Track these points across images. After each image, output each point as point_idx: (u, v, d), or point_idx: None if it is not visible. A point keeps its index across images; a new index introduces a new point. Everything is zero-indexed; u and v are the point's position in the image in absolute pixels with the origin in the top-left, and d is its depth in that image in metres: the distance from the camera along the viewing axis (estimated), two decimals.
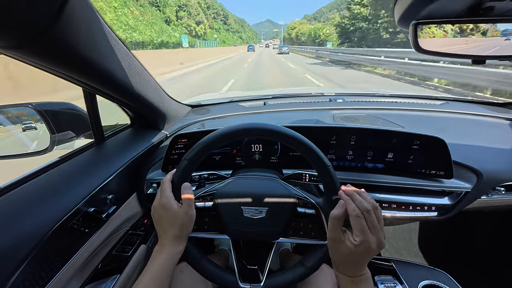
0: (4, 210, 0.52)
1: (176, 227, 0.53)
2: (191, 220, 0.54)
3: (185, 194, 0.54)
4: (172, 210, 0.52)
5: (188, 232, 0.55)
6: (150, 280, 0.49)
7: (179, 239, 0.54)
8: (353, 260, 0.47)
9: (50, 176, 0.65)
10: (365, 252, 0.45)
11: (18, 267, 0.46)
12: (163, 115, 0.98)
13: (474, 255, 1.31)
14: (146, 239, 0.83)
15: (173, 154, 0.86)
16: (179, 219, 0.52)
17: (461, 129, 1.05)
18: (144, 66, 0.77)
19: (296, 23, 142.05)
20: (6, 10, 0.34)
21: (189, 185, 0.56)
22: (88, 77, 0.60)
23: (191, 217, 0.54)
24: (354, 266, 0.48)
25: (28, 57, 0.46)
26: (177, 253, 0.54)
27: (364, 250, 0.45)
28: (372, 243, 0.45)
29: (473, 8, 0.50)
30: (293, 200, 0.60)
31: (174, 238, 0.53)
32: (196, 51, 31.44)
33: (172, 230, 0.53)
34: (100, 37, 0.55)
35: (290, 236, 0.61)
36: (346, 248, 0.46)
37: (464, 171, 0.80)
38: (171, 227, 0.53)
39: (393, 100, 1.33)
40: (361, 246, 0.45)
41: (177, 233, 0.53)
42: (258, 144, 0.86)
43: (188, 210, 0.53)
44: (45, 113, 0.75)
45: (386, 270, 0.81)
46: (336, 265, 0.51)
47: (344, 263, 0.49)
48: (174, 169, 0.57)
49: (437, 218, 0.79)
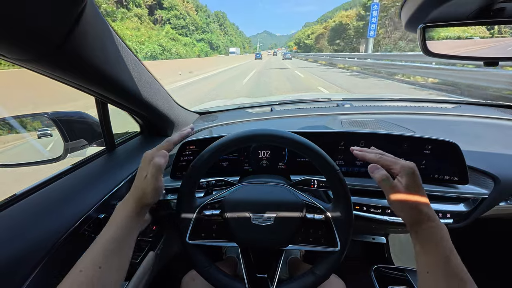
0: (18, 217, 0.53)
1: (138, 191, 0.50)
2: (152, 190, 0.50)
3: (154, 160, 0.50)
4: (142, 172, 0.50)
5: (146, 201, 0.50)
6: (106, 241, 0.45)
7: (137, 204, 0.50)
8: (414, 195, 0.48)
9: (63, 183, 0.66)
10: (412, 177, 0.48)
11: (31, 272, 0.46)
12: (172, 122, 1.00)
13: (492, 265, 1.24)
14: (155, 246, 0.83)
15: (181, 161, 0.87)
16: (143, 183, 0.50)
17: (475, 133, 1.01)
18: (153, 76, 0.79)
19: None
20: (24, 25, 0.35)
21: (164, 153, 0.52)
22: (101, 87, 0.61)
23: (151, 187, 0.49)
24: (420, 200, 0.48)
25: (44, 69, 0.48)
26: (132, 218, 0.49)
27: (410, 176, 0.48)
28: (407, 165, 0.49)
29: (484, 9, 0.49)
30: (302, 206, 0.59)
31: (134, 201, 0.50)
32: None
33: (135, 191, 0.50)
34: (112, 49, 0.57)
35: (299, 243, 0.60)
36: (401, 187, 0.48)
37: (480, 176, 0.77)
38: (135, 188, 0.51)
39: (402, 104, 1.31)
40: (404, 173, 0.48)
41: (137, 198, 0.50)
42: (266, 150, 0.86)
43: (150, 178, 0.49)
44: (59, 122, 0.77)
45: (400, 280, 0.78)
46: (407, 217, 0.49)
47: (412, 205, 0.48)
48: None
49: (452, 225, 0.76)
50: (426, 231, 0.46)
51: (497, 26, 0.61)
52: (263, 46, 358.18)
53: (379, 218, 0.77)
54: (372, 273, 0.85)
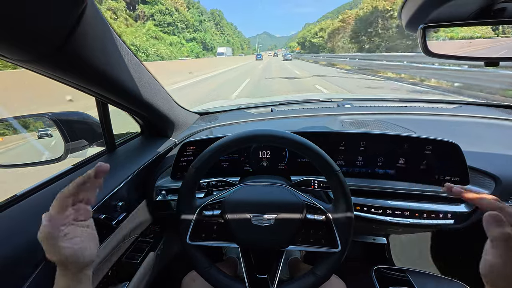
0: (19, 217, 0.53)
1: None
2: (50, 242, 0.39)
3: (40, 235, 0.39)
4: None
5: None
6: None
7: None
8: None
9: (64, 184, 0.66)
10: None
11: (32, 272, 0.46)
12: (172, 123, 1.00)
13: None
14: (155, 247, 0.83)
15: (181, 161, 0.87)
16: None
17: (476, 133, 1.01)
18: (154, 76, 0.79)
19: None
20: (25, 26, 0.35)
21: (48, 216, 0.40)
22: (101, 87, 0.62)
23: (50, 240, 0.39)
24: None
25: (45, 70, 0.48)
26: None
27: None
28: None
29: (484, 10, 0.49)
30: (302, 207, 0.59)
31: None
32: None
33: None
34: (112, 49, 0.57)
35: (300, 244, 0.60)
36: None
37: (481, 177, 0.77)
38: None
39: (402, 105, 1.30)
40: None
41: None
42: (266, 150, 0.86)
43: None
44: (60, 123, 0.77)
45: (401, 281, 0.77)
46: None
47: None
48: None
49: (453, 226, 0.76)
50: None
51: (501, 26, 0.61)
52: (263, 47, 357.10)
53: (379, 219, 0.76)
54: (372, 274, 0.85)
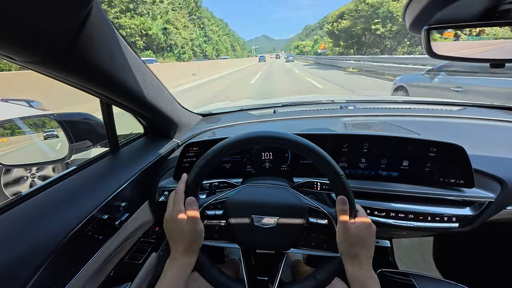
0: (22, 217, 0.54)
1: (186, 242, 0.54)
2: (200, 235, 0.55)
3: (189, 210, 0.54)
4: (181, 225, 0.53)
5: (198, 246, 0.56)
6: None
7: (189, 252, 0.54)
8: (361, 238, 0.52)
9: (68, 184, 0.67)
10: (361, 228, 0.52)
11: (35, 272, 0.47)
12: (175, 124, 1.00)
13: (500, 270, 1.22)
14: (157, 247, 0.83)
15: (184, 162, 0.87)
16: (187, 234, 0.53)
17: (481, 136, 1.00)
18: (157, 78, 0.80)
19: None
20: (30, 28, 0.36)
21: (193, 200, 0.56)
22: (106, 89, 0.62)
23: (199, 233, 0.55)
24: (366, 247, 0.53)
25: (51, 71, 0.48)
26: (189, 265, 0.54)
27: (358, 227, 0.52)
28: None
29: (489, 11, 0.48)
30: (305, 210, 0.59)
31: (185, 251, 0.54)
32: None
33: (182, 243, 0.54)
34: (117, 51, 0.57)
35: (301, 247, 0.60)
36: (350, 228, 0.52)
37: (486, 179, 0.76)
38: (181, 240, 0.54)
39: (406, 107, 1.29)
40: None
41: (187, 247, 0.54)
42: (268, 152, 0.85)
43: (194, 227, 0.54)
44: (65, 123, 0.79)
45: (404, 285, 0.76)
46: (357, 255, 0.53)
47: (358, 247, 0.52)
48: (185, 178, 0.58)
49: (458, 229, 0.75)
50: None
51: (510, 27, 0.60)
52: (261, 50, 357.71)
53: (383, 221, 0.76)
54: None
